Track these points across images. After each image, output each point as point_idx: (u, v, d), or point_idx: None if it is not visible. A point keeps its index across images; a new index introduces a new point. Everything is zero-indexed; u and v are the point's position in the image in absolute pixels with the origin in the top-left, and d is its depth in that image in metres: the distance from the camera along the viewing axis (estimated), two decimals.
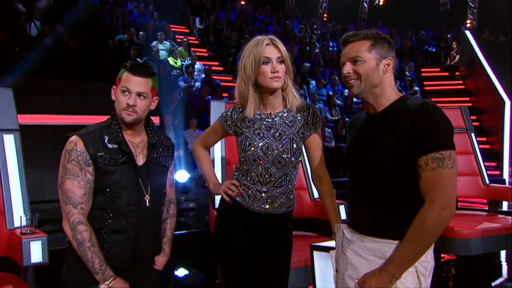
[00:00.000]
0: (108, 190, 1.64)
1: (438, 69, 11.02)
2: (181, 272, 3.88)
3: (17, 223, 2.23)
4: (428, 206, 1.36)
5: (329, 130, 7.64)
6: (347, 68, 1.51)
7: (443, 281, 3.61)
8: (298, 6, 14.40)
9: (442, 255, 3.81)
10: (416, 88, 9.66)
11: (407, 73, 10.16)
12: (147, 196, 1.71)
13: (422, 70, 11.00)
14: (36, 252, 2.04)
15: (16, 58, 5.47)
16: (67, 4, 8.37)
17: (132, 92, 1.63)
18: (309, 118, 1.84)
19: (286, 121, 1.82)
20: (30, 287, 2.06)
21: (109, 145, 1.65)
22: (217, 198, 2.64)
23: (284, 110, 1.84)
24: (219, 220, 1.92)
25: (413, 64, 10.62)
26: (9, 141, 2.31)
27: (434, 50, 11.86)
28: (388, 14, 14.35)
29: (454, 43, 11.17)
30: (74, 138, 1.63)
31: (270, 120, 1.82)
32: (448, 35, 12.12)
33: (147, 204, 1.71)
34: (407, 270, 1.41)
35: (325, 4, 14.96)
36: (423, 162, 1.37)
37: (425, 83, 10.58)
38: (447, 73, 10.79)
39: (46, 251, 2.09)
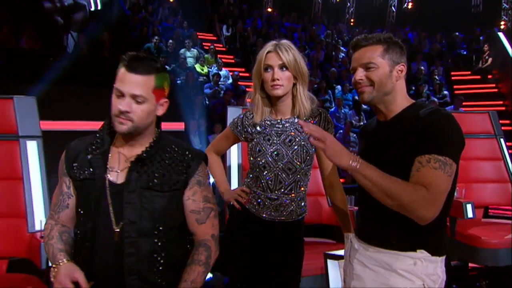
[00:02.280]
0: (80, 209, 1.38)
1: (469, 72, 10.61)
2: None
3: (37, 227, 2.25)
4: (425, 190, 1.25)
5: (354, 135, 7.49)
6: (360, 75, 1.43)
7: None
8: (324, 12, 14.27)
9: (470, 265, 3.64)
10: (445, 92, 9.33)
11: (436, 77, 9.84)
12: (116, 228, 1.32)
13: (452, 73, 10.62)
14: None
15: (51, 67, 5.67)
16: (102, 15, 8.66)
17: (126, 95, 1.29)
18: (320, 124, 1.79)
19: (297, 127, 1.77)
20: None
21: (88, 156, 1.37)
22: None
23: (295, 116, 1.79)
24: (229, 227, 1.90)
25: (442, 68, 10.27)
26: (32, 147, 2.37)
27: (465, 53, 11.43)
28: (417, 17, 13.97)
29: (486, 45, 10.72)
30: (72, 143, 1.46)
31: (281, 126, 1.78)
32: (481, 38, 11.66)
33: (114, 239, 1.31)
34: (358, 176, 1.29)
35: (352, 9, 14.75)
36: (424, 159, 1.29)
37: (455, 86, 10.20)
38: (478, 77, 10.36)
39: None
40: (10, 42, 6.24)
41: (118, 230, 1.31)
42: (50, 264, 1.38)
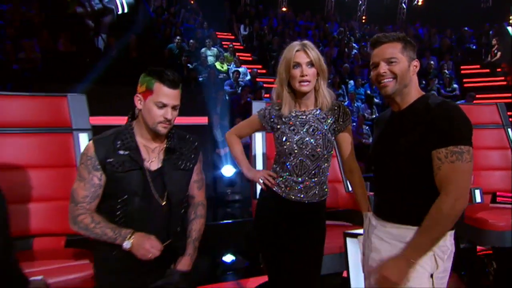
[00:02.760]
0: (118, 195, 1.56)
1: (479, 66, 10.46)
2: (228, 258, 3.98)
3: None
4: (444, 196, 1.37)
5: (367, 127, 7.53)
6: (384, 68, 1.50)
7: (484, 276, 3.47)
8: (337, 10, 14.19)
9: (478, 248, 3.68)
10: (455, 86, 9.23)
11: (446, 71, 9.74)
12: (162, 201, 1.60)
13: (461, 67, 10.49)
14: None
15: (87, 67, 5.88)
16: (128, 18, 8.83)
17: (168, 106, 1.56)
18: (339, 115, 1.88)
19: (319, 118, 1.86)
20: None
21: (120, 151, 1.56)
22: (258, 189, 2.73)
23: (317, 108, 1.88)
24: (259, 208, 1.98)
25: (451, 63, 10.16)
26: (83, 139, 2.46)
27: (474, 47, 11.25)
28: (426, 13, 13.76)
29: (495, 39, 10.55)
30: (90, 143, 1.60)
31: (304, 117, 1.86)
32: (490, 32, 11.45)
33: (162, 210, 1.60)
34: (424, 254, 1.42)
35: (363, 7, 14.62)
36: (442, 155, 1.38)
37: (464, 80, 10.09)
38: (488, 70, 10.22)
39: None
40: (49, 45, 6.46)
41: (164, 204, 1.60)
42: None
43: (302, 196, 1.87)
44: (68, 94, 2.52)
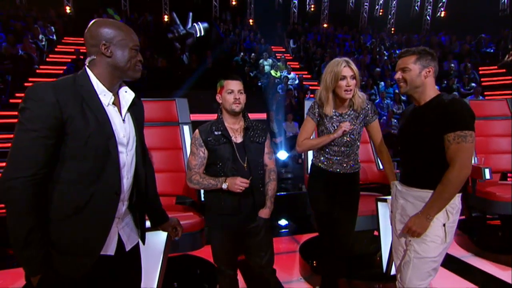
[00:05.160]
0: (217, 161, 1.77)
1: (496, 67, 9.56)
2: (282, 222, 4.11)
3: None
4: (452, 168, 1.44)
5: (395, 120, 7.30)
6: (397, 75, 1.62)
7: (490, 239, 3.37)
8: (369, 24, 13.63)
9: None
10: (473, 85, 8.56)
11: (469, 72, 9.00)
12: (244, 164, 1.77)
13: (480, 68, 9.65)
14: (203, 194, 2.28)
15: (179, 78, 6.28)
16: (205, 39, 9.23)
17: (235, 91, 1.78)
18: (369, 111, 1.98)
19: (353, 117, 1.97)
20: (199, 213, 2.36)
21: (216, 132, 1.79)
22: (309, 167, 2.79)
23: (351, 110, 1.98)
24: (311, 180, 2.12)
25: (470, 65, 9.40)
26: (186, 129, 2.70)
27: (492, 51, 10.26)
28: (448, 23, 12.74)
29: (510, 45, 9.56)
30: (196, 131, 1.85)
31: (341, 118, 1.98)
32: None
33: (245, 169, 1.76)
34: (438, 211, 1.49)
35: (392, 20, 13.88)
36: (451, 138, 1.45)
37: (482, 79, 9.30)
38: (504, 70, 9.32)
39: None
40: (151, 63, 6.99)
41: (246, 166, 1.78)
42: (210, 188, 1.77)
43: (342, 167, 2.00)
44: (175, 98, 2.75)
